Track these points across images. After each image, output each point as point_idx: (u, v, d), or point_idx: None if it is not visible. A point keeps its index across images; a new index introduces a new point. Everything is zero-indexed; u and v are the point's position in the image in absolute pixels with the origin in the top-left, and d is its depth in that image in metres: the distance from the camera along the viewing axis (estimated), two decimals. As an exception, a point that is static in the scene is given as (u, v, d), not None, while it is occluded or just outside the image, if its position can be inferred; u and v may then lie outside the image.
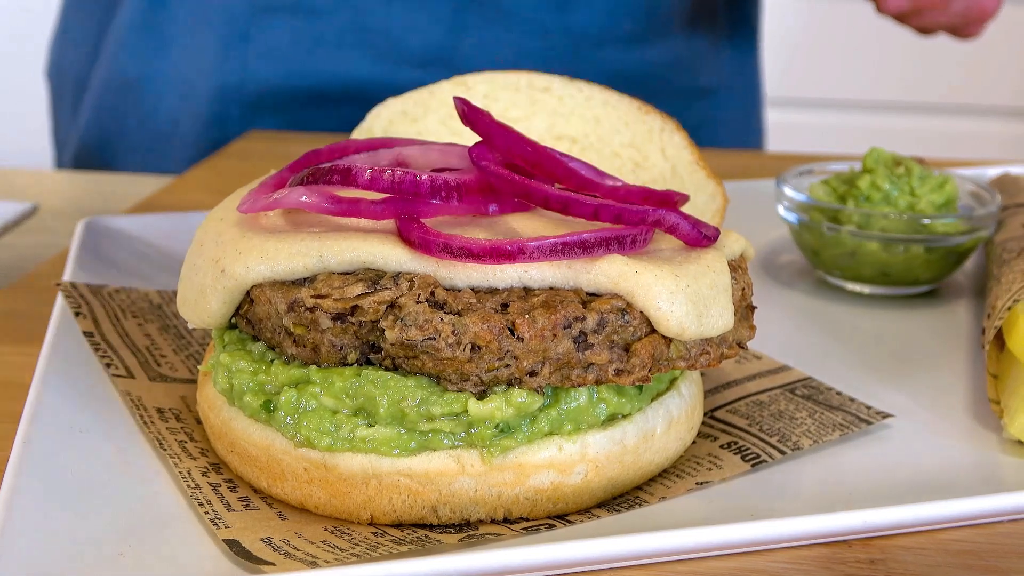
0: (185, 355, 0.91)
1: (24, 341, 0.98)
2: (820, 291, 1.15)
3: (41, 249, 1.30)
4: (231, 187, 0.90)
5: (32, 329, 0.99)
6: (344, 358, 0.70)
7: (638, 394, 0.74)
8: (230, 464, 0.76)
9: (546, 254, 0.69)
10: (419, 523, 0.71)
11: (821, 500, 0.75)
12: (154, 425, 0.80)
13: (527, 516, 0.72)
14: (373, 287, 0.68)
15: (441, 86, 1.16)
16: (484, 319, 0.67)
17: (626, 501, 0.74)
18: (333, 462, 0.70)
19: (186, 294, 0.76)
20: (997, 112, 3.32)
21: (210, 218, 0.80)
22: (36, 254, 1.28)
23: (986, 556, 0.70)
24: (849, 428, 0.81)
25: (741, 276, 0.77)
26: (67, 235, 1.31)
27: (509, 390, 0.69)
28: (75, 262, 1.05)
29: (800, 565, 0.68)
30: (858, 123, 3.35)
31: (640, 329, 0.70)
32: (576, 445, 0.71)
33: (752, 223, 1.28)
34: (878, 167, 1.12)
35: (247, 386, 0.73)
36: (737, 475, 0.77)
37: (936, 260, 1.09)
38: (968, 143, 3.29)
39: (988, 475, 0.79)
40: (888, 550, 0.70)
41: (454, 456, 0.70)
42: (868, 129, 3.33)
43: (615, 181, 0.78)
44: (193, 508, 0.71)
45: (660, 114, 1.14)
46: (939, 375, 0.94)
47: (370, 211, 0.72)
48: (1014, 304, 0.86)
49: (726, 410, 0.85)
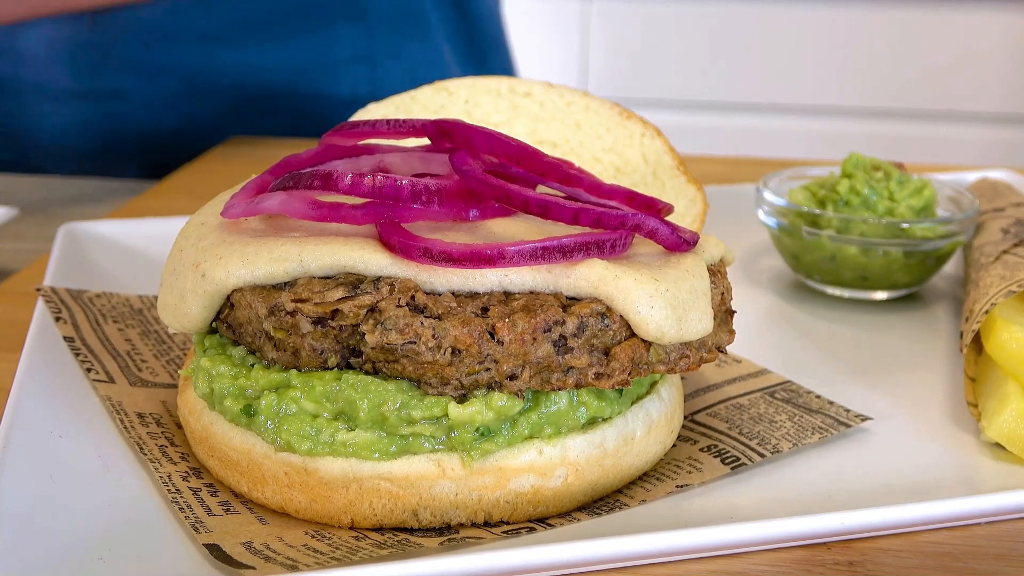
0: (166, 360, 0.91)
1: (3, 347, 0.97)
2: (800, 295, 1.15)
3: (20, 255, 1.29)
4: (212, 192, 0.90)
5: (12, 335, 0.98)
6: (324, 362, 0.70)
7: (618, 398, 0.74)
8: (211, 468, 0.76)
9: (526, 259, 0.69)
10: (400, 527, 0.71)
11: (800, 502, 0.75)
12: (135, 430, 0.79)
13: (508, 520, 0.72)
14: (353, 291, 0.68)
15: (423, 91, 1.16)
16: (464, 323, 0.67)
17: (606, 504, 0.74)
18: (314, 466, 0.70)
19: (167, 299, 0.76)
20: (976, 118, 3.33)
21: (191, 223, 0.80)
22: (14, 259, 1.28)
23: (964, 558, 0.70)
24: (828, 431, 0.82)
25: (720, 280, 0.78)
26: (46, 240, 1.31)
27: (489, 394, 0.69)
28: (55, 267, 1.05)
29: (779, 567, 0.69)
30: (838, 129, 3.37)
31: (620, 333, 0.70)
32: (556, 449, 0.71)
33: (732, 228, 1.29)
34: (857, 172, 1.12)
35: (227, 390, 0.73)
36: (717, 478, 0.77)
37: (915, 264, 1.10)
38: (947, 148, 3.31)
39: (966, 477, 0.79)
40: (866, 552, 0.70)
41: (435, 460, 0.70)
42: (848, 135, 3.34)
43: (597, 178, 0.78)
44: (173, 512, 0.71)
45: (641, 120, 1.14)
46: (917, 378, 0.95)
47: (351, 216, 0.72)
48: (992, 308, 0.87)
49: (706, 413, 0.86)
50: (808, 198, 1.15)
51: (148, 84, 1.74)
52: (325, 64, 1.77)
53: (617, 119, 1.14)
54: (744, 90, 3.40)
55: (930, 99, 3.33)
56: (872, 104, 3.35)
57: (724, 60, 3.38)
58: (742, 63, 3.38)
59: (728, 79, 3.39)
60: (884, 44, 3.30)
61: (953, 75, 3.31)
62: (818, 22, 3.29)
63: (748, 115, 3.42)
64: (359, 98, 1.47)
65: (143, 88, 1.74)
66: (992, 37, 3.26)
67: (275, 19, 1.73)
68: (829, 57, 3.32)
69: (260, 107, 1.78)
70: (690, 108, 3.42)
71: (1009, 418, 0.80)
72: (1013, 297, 0.89)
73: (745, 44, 3.35)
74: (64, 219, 1.39)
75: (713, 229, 1.28)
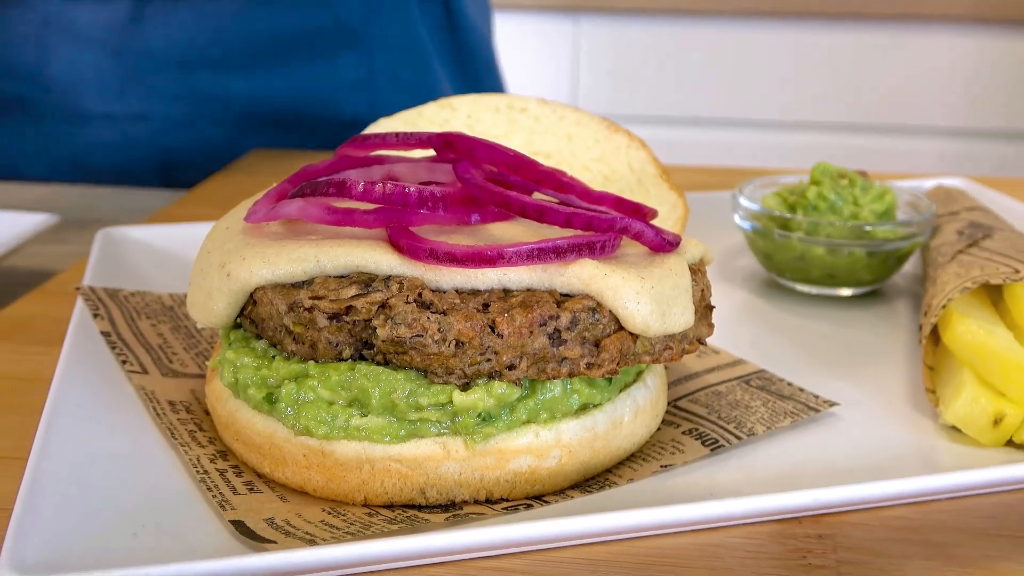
0: (195, 352, 0.91)
1: (47, 341, 0.97)
2: (772, 292, 1.15)
3: (62, 257, 1.29)
4: (235, 200, 0.90)
5: (54, 330, 0.98)
6: (339, 354, 0.69)
7: (607, 385, 0.74)
8: (236, 451, 0.75)
9: (523, 259, 0.69)
10: (409, 504, 0.71)
11: (774, 481, 0.74)
12: (166, 416, 0.79)
13: (507, 497, 0.72)
14: (366, 289, 0.68)
15: (428, 107, 1.16)
16: (467, 318, 0.67)
17: (597, 483, 0.74)
18: (330, 449, 0.69)
19: (195, 297, 0.76)
20: (932, 131, 3.34)
21: (217, 227, 0.79)
22: (57, 262, 1.28)
23: (924, 531, 0.70)
24: (799, 415, 0.81)
25: (701, 279, 0.77)
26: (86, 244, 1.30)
27: (490, 382, 0.69)
28: (93, 268, 1.05)
29: (755, 540, 0.68)
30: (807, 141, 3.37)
31: (609, 326, 0.70)
32: (551, 432, 0.71)
33: (710, 230, 1.29)
34: (824, 179, 1.12)
35: (251, 380, 0.73)
36: (698, 458, 0.77)
37: (877, 263, 1.10)
38: (905, 159, 3.31)
39: (926, 458, 0.79)
40: (835, 526, 0.70)
41: (440, 443, 0.69)
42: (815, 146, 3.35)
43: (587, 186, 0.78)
44: (201, 492, 0.70)
45: (627, 133, 1.14)
46: (880, 367, 0.94)
47: (363, 220, 0.72)
48: (948, 303, 0.87)
49: (687, 400, 0.85)
50: (779, 203, 1.14)
51: (167, 108, 1.74)
52: (329, 89, 1.77)
53: (605, 132, 1.14)
54: (721, 106, 3.40)
55: (890, 114, 3.34)
56: (837, 119, 3.35)
57: (703, 79, 3.38)
58: (719, 82, 3.37)
59: (706, 96, 3.39)
60: (848, 64, 3.30)
61: (910, 92, 3.31)
62: (788, 45, 3.29)
63: (725, 129, 3.42)
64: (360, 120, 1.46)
65: (162, 111, 1.74)
66: (945, 58, 3.26)
67: (281, 49, 1.73)
68: (799, 76, 3.32)
69: (269, 129, 1.78)
70: (672, 123, 3.42)
71: (965, 403, 0.79)
72: (967, 293, 0.89)
73: (722, 64, 3.35)
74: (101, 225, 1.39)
75: (693, 232, 1.27)
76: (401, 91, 1.78)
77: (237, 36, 1.71)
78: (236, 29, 1.71)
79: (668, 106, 3.42)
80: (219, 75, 1.72)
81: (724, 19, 3.30)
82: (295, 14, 1.72)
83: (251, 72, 1.73)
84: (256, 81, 1.74)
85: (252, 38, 1.72)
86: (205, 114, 1.75)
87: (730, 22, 3.30)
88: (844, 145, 3.35)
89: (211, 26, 1.70)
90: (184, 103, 1.74)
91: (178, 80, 1.72)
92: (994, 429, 0.78)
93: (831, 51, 3.29)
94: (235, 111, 1.75)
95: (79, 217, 1.47)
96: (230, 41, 1.71)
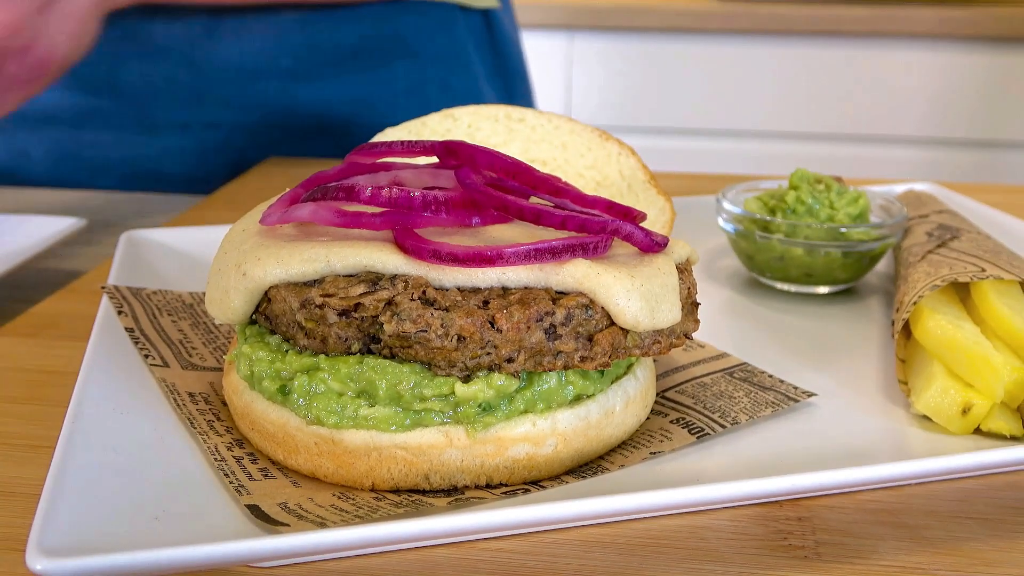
0: (213, 347, 0.90)
1: (74, 337, 0.97)
2: (754, 290, 1.15)
3: (88, 258, 1.29)
4: (251, 204, 0.90)
5: (80, 327, 0.98)
6: (348, 348, 0.69)
7: (600, 377, 0.74)
8: (251, 440, 0.75)
9: (521, 259, 0.69)
10: (413, 489, 0.70)
11: (756, 467, 0.74)
12: (186, 407, 0.79)
13: (506, 482, 0.71)
14: (373, 287, 0.68)
15: (432, 117, 1.16)
16: (468, 314, 0.67)
17: (590, 469, 0.74)
18: (339, 437, 0.69)
19: (213, 295, 0.76)
20: (902, 140, 3.34)
21: (233, 229, 0.79)
22: (84, 262, 1.27)
23: (898, 514, 0.70)
24: (779, 405, 0.81)
25: (687, 277, 0.77)
26: (111, 246, 1.30)
27: (490, 374, 0.68)
28: (118, 268, 1.04)
29: (739, 522, 0.68)
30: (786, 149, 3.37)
31: (601, 322, 0.69)
32: (547, 421, 0.71)
33: (696, 233, 1.29)
34: (802, 185, 1.12)
35: (266, 373, 0.72)
36: (684, 446, 0.76)
37: (852, 263, 1.09)
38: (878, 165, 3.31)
39: (898, 445, 0.79)
40: (813, 509, 0.70)
41: (443, 431, 0.69)
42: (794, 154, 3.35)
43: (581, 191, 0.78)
44: (219, 478, 0.70)
45: (618, 141, 1.14)
46: (855, 360, 0.94)
47: (370, 223, 0.71)
48: (919, 300, 0.86)
49: (675, 391, 0.85)
50: (760, 207, 1.14)
51: (236, 116, 1.73)
52: (384, 96, 1.77)
53: (597, 140, 1.14)
54: (706, 117, 3.40)
55: (864, 124, 3.34)
56: (815, 129, 3.35)
57: (689, 91, 3.37)
58: (704, 94, 3.37)
59: (692, 107, 3.39)
60: (825, 78, 3.30)
61: (882, 104, 3.31)
62: (769, 60, 3.29)
63: (709, 138, 3.42)
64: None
65: (232, 119, 1.74)
66: (915, 72, 3.26)
67: (343, 59, 1.73)
68: (779, 89, 3.32)
69: (328, 134, 1.78)
70: (660, 132, 3.42)
71: (935, 393, 0.79)
72: (937, 290, 0.89)
73: (707, 78, 3.35)
74: (125, 228, 1.38)
75: (680, 234, 1.27)
76: (449, 99, 1.78)
77: (303, 46, 1.71)
78: (302, 40, 1.71)
79: (656, 117, 3.42)
80: (286, 83, 1.72)
81: (709, 36, 3.30)
82: (356, 26, 1.73)
83: (315, 81, 1.73)
84: (320, 89, 1.74)
85: (317, 49, 1.72)
86: (272, 121, 1.75)
87: (715, 39, 3.30)
88: (821, 153, 3.35)
89: (279, 38, 1.70)
90: (253, 111, 1.74)
91: (247, 89, 1.72)
92: (962, 418, 0.78)
93: (809, 66, 3.29)
94: (300, 117, 1.75)
95: (104, 220, 1.46)
96: (296, 51, 1.71)
